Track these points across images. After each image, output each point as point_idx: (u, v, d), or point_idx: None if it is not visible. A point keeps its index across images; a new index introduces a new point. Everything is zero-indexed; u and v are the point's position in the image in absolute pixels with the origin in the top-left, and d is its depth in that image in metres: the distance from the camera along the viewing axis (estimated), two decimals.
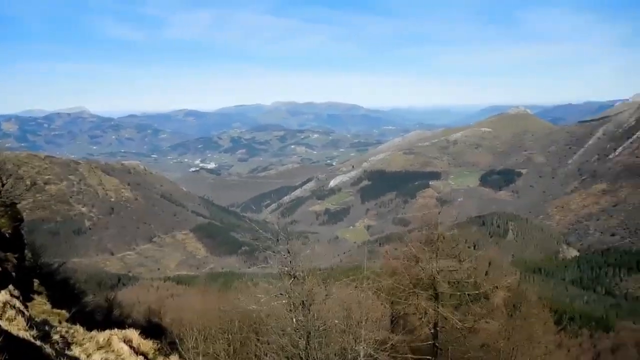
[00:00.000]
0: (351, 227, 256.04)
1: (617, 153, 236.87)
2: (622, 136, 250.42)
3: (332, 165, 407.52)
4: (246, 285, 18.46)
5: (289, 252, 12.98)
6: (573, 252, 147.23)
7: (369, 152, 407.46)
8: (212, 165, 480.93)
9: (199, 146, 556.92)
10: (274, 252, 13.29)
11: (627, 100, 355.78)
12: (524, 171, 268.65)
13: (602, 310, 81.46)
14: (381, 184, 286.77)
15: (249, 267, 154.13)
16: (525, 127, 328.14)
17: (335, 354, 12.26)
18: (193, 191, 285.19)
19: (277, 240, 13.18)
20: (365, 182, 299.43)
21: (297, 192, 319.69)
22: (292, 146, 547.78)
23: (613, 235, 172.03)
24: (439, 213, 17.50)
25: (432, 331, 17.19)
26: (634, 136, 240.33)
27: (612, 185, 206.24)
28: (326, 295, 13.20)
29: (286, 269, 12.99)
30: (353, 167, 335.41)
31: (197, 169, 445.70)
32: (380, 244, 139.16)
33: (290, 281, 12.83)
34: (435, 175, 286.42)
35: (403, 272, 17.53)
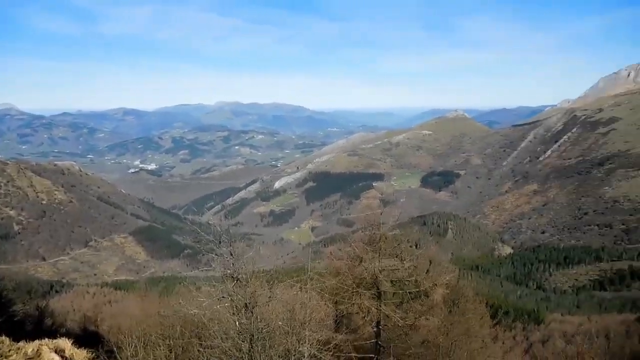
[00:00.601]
0: (296, 228, 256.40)
1: (546, 155, 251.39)
2: (551, 139, 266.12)
3: (277, 166, 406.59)
4: (188, 289, 17.99)
5: (231, 255, 12.81)
6: (507, 250, 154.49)
7: (313, 154, 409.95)
8: (152, 167, 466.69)
9: (139, 146, 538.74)
10: (216, 254, 13.07)
11: (555, 105, 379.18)
12: (462, 172, 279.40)
13: (533, 303, 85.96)
14: (326, 185, 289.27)
15: (191, 271, 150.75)
16: (464, 130, 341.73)
17: (279, 356, 12.21)
18: (132, 193, 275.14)
19: (220, 242, 12.99)
20: (310, 184, 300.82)
21: (242, 194, 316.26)
22: (237, 147, 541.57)
23: (543, 232, 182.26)
24: (381, 214, 17.84)
25: (375, 329, 17.50)
26: (561, 139, 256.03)
27: (542, 186, 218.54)
28: (270, 297, 13.14)
29: (229, 271, 12.81)
30: (298, 168, 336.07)
31: (137, 170, 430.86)
32: (324, 244, 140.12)
33: (233, 284, 12.67)
34: (379, 177, 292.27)
35: (346, 272, 17.73)
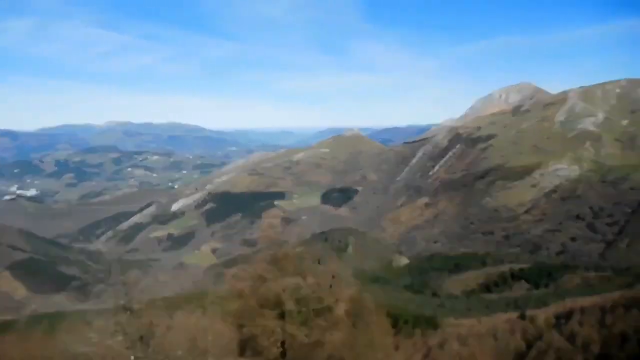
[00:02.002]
0: (197, 251, 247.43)
1: (435, 170, 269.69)
2: (439, 155, 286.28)
3: (175, 188, 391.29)
4: (76, 325, 16.45)
5: (124, 284, 11.96)
6: (405, 260, 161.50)
7: (213, 174, 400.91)
8: (32, 193, 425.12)
9: (16, 171, 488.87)
10: (107, 285, 12.14)
11: (440, 124, 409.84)
12: (360, 188, 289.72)
13: (430, 310, 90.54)
14: (227, 205, 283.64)
15: (79, 305, 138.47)
16: (360, 147, 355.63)
17: None
18: (9, 222, 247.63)
19: (110, 271, 12.10)
20: (211, 205, 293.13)
21: (136, 218, 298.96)
22: (129, 169, 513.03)
23: (436, 242, 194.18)
24: (282, 233, 17.81)
25: (281, 349, 17.28)
26: (447, 155, 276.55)
27: (433, 199, 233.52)
28: (168, 326, 12.43)
29: (121, 302, 11.92)
30: (197, 189, 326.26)
31: (14, 197, 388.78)
32: (227, 266, 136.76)
33: (127, 315, 11.79)
34: (280, 195, 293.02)
35: (249, 294, 17.38)
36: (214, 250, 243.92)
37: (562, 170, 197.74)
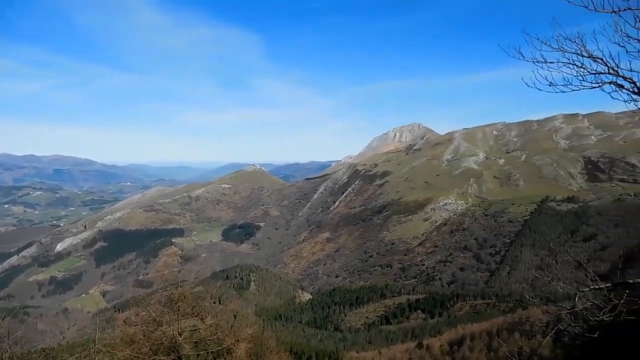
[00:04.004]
0: (84, 295, 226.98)
1: (335, 205, 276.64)
2: (339, 191, 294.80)
3: (60, 226, 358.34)
4: None
5: None
6: (307, 296, 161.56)
7: (104, 211, 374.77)
8: None
9: None
10: None
11: (340, 161, 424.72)
12: (262, 224, 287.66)
13: (332, 344, 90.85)
14: (119, 244, 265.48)
15: None
16: (261, 183, 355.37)
17: None
18: None
19: None
20: (101, 244, 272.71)
21: (13, 260, 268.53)
22: (6, 205, 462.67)
23: (337, 276, 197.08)
24: (179, 272, 16.88)
25: None
26: (347, 191, 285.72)
27: (334, 233, 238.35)
28: None
29: None
30: (86, 227, 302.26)
31: None
32: (118, 310, 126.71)
33: None
34: (179, 232, 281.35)
35: (142, 339, 16.07)
36: (103, 294, 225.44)
37: (450, 204, 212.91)
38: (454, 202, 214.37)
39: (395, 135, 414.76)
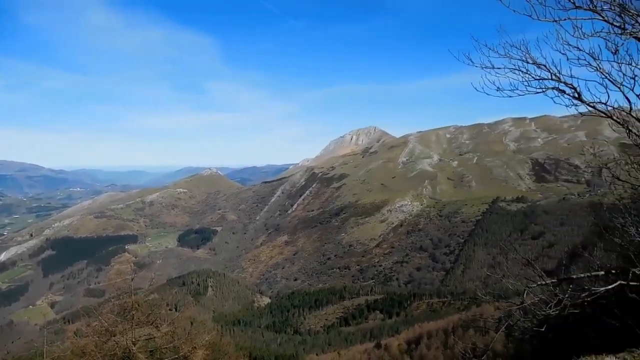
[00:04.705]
0: (30, 306, 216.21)
1: (293, 208, 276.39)
2: (296, 194, 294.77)
3: (3, 235, 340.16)
4: None
5: None
6: (266, 300, 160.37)
7: (52, 218, 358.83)
8: None
9: None
10: None
11: (297, 164, 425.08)
12: (219, 229, 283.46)
13: (292, 348, 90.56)
14: (69, 252, 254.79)
15: None
16: (218, 187, 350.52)
17: None
18: None
19: None
20: (49, 252, 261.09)
21: None
22: None
23: (296, 279, 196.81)
24: (132, 280, 16.39)
25: None
26: (305, 194, 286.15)
27: (292, 237, 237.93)
28: None
29: None
30: (32, 235, 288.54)
31: None
32: (68, 321, 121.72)
33: None
34: (132, 239, 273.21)
35: (94, 351, 15.50)
36: (52, 305, 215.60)
37: (406, 206, 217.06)
38: (409, 203, 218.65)
39: (352, 139, 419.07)
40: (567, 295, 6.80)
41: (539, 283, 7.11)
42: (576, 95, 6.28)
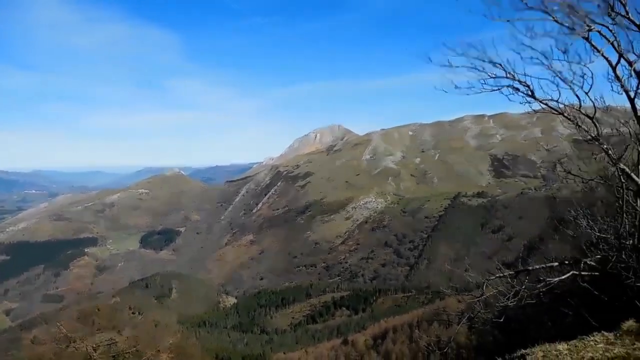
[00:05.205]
0: None
1: (258, 208, 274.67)
2: (261, 193, 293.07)
3: None
4: None
5: None
6: (232, 300, 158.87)
7: (6, 222, 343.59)
8: None
9: None
10: None
11: (262, 162, 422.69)
12: (182, 230, 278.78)
13: (259, 347, 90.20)
14: (25, 257, 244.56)
15: None
16: (181, 187, 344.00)
17: None
18: None
19: None
20: (3, 257, 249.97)
21: None
22: None
23: (262, 279, 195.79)
24: (92, 284, 15.95)
25: None
26: (270, 192, 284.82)
27: (257, 236, 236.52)
28: None
29: None
30: None
31: None
32: (24, 329, 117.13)
33: None
34: (92, 241, 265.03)
35: (52, 358, 15.02)
36: (7, 312, 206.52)
37: (371, 203, 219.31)
38: (374, 200, 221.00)
39: (316, 137, 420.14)
40: (523, 287, 7.06)
41: (497, 275, 7.35)
42: (530, 93, 6.51)
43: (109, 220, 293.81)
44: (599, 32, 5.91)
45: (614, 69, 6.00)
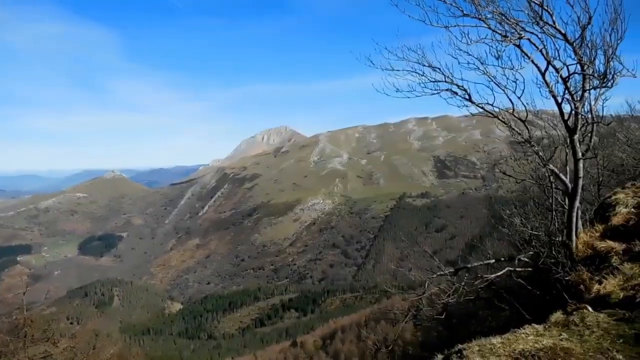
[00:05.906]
0: None
1: (204, 211, 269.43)
2: (207, 196, 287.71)
3: None
4: None
5: None
6: (177, 306, 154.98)
7: None
8: None
9: None
10: None
11: (208, 164, 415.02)
12: (124, 234, 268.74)
13: (207, 353, 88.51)
14: None
15: None
16: (123, 191, 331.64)
17: None
18: None
19: None
20: None
21: None
22: None
23: (208, 283, 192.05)
24: (24, 294, 15.04)
25: None
26: (216, 195, 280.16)
27: (204, 240, 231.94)
28: None
29: None
30: None
31: None
32: None
33: None
34: (25, 249, 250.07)
35: None
36: None
37: (318, 204, 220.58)
38: (321, 201, 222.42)
39: (263, 138, 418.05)
40: (463, 284, 7.33)
41: (438, 274, 7.59)
42: (467, 96, 6.77)
43: (44, 226, 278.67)
44: (529, 39, 6.24)
45: (543, 75, 6.34)
